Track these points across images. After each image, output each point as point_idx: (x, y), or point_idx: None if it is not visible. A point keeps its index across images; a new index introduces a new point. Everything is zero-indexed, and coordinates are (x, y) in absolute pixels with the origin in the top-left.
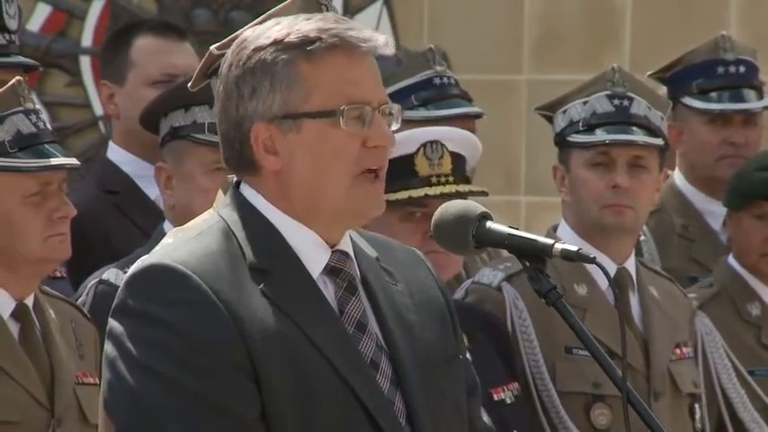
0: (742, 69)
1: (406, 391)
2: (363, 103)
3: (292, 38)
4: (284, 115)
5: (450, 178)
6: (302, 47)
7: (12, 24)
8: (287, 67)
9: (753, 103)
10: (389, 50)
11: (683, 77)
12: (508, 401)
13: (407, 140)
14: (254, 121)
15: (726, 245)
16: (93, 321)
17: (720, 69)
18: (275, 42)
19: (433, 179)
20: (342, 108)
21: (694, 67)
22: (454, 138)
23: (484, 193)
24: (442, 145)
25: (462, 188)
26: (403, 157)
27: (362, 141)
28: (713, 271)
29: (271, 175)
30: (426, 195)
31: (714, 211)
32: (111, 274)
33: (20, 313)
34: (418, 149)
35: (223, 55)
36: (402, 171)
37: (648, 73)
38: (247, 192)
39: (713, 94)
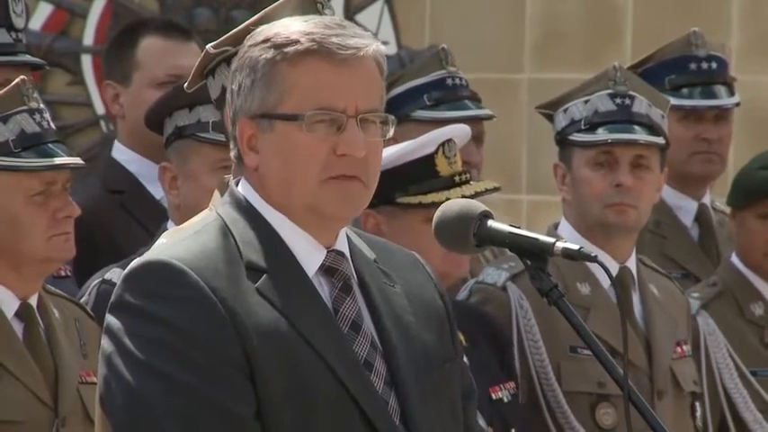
0: (714, 65)
1: (401, 392)
2: (333, 110)
3: (278, 38)
4: (261, 114)
5: (468, 175)
6: (282, 48)
7: (19, 23)
8: (267, 66)
9: (724, 100)
10: (378, 57)
11: (654, 74)
12: (506, 400)
13: (427, 142)
14: (240, 117)
15: (697, 241)
16: (96, 320)
17: (692, 65)
18: (265, 41)
19: (456, 178)
20: (307, 113)
21: (666, 64)
22: (460, 134)
23: (497, 189)
24: (454, 142)
25: (489, 185)
26: (423, 159)
27: (333, 148)
28: (716, 270)
29: (251, 171)
30: (464, 197)
31: (686, 208)
32: (114, 273)
33: (24, 313)
34: (437, 149)
35: (219, 54)
36: (424, 172)
37: None
38: (244, 189)
39: (685, 91)
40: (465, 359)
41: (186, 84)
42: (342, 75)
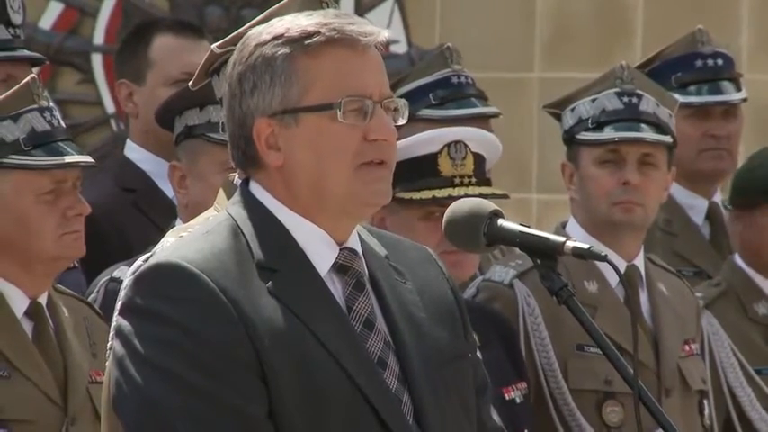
0: (720, 62)
1: (414, 389)
2: (363, 96)
3: (292, 32)
4: (284, 110)
5: (473, 179)
6: (301, 41)
7: (16, 19)
8: (286, 61)
9: (732, 95)
10: (391, 43)
11: (661, 72)
12: (518, 401)
13: (431, 140)
14: (256, 117)
15: (708, 239)
16: (105, 319)
17: (699, 63)
18: (276, 37)
19: (456, 180)
20: (339, 101)
21: (673, 62)
22: (477, 138)
23: (505, 196)
24: (466, 145)
25: (485, 190)
26: (426, 157)
27: (363, 134)
28: (721, 269)
29: (274, 171)
30: (450, 197)
31: (697, 206)
32: (122, 271)
33: (33, 312)
34: (442, 149)
35: (224, 53)
36: (425, 170)
37: None
38: (255, 189)
39: (692, 88)
40: (479, 354)
41: (191, 82)
42: (363, 61)
